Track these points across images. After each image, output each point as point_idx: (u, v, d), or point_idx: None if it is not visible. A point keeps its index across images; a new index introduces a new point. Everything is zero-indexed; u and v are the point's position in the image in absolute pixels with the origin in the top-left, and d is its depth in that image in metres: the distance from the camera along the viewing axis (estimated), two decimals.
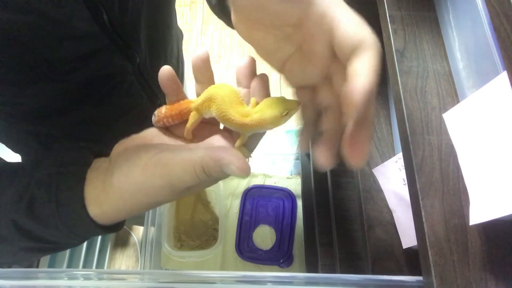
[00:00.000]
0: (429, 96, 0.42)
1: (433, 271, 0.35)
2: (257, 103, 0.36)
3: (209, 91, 0.37)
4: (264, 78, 0.38)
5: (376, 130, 0.62)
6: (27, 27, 0.41)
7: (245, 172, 0.31)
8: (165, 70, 0.37)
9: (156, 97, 0.68)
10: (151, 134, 0.40)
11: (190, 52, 2.02)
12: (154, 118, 0.40)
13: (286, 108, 0.34)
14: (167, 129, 0.41)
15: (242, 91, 0.38)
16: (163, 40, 0.67)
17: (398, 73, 0.43)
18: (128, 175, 0.34)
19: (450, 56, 0.44)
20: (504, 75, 0.33)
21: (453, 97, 0.42)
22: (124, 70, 0.57)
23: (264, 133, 0.38)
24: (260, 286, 0.42)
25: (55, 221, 0.36)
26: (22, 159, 0.69)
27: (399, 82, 0.43)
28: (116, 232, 0.41)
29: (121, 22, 0.51)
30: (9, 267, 0.44)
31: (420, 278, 0.39)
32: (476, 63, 0.40)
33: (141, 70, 0.60)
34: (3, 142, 0.65)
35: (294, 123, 1.77)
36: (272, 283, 0.42)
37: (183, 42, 0.84)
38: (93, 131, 0.63)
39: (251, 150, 0.39)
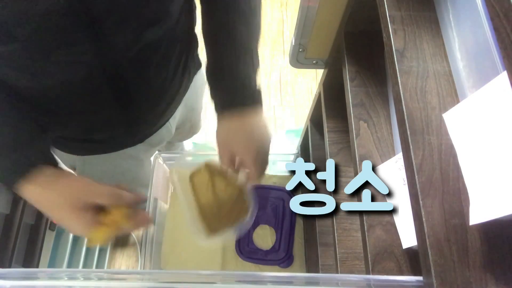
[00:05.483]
0: (429, 96, 0.42)
1: (433, 271, 0.35)
2: None
3: None
4: None
5: (376, 130, 0.62)
6: None
7: None
8: None
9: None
10: None
11: None
12: None
13: None
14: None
15: None
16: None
17: (398, 73, 0.43)
18: None
19: (450, 56, 0.44)
20: (504, 75, 0.33)
21: (453, 97, 0.42)
22: None
23: None
24: (260, 286, 0.42)
25: None
26: None
27: (399, 82, 0.43)
28: None
29: None
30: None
31: (420, 278, 0.39)
32: (476, 63, 0.40)
33: None
34: None
35: (294, 123, 1.77)
36: (272, 283, 0.42)
37: None
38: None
39: None
